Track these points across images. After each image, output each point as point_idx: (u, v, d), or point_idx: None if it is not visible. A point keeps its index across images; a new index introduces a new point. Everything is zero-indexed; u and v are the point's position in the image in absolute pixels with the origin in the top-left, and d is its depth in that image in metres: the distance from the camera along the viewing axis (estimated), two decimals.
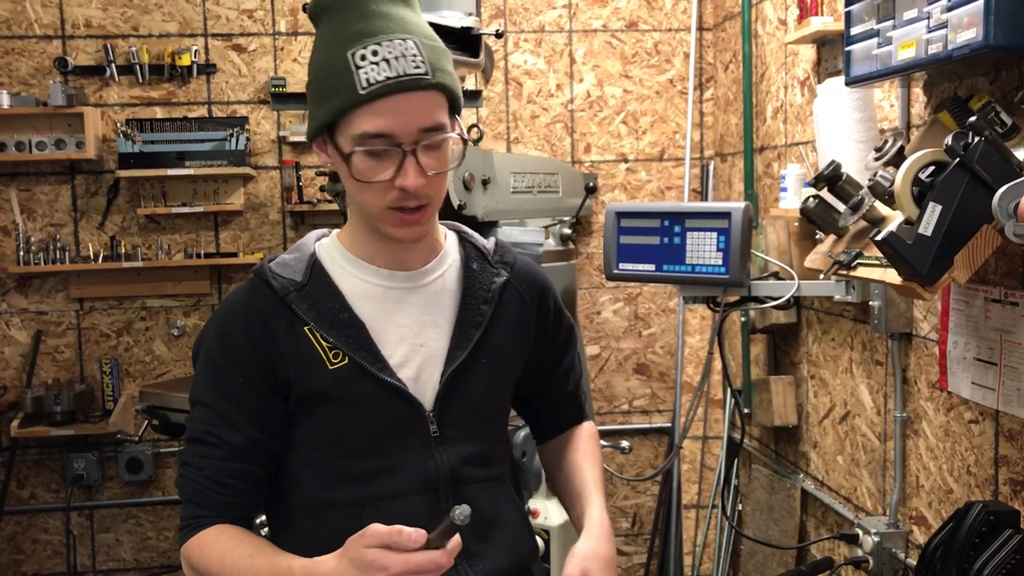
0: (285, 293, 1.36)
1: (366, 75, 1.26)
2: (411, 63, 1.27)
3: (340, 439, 1.36)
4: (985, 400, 2.00)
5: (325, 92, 1.30)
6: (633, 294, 3.97)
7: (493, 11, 3.84)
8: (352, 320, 1.36)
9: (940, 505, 2.25)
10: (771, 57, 3.24)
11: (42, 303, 3.75)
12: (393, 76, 1.26)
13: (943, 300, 2.12)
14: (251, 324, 1.36)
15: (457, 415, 1.40)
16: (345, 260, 1.41)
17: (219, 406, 1.36)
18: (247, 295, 1.40)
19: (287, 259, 1.42)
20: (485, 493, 1.42)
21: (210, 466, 1.36)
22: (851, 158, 2.25)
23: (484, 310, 1.44)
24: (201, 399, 1.39)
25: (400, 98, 1.26)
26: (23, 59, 3.68)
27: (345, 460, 1.37)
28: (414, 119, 1.28)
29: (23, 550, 3.81)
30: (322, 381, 1.34)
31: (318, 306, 1.36)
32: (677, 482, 3.88)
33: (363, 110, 1.27)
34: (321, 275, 1.39)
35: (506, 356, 1.47)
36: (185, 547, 1.37)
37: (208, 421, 1.37)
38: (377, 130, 1.27)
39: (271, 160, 3.81)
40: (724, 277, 2.07)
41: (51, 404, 3.54)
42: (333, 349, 1.34)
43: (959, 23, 1.64)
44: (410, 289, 1.41)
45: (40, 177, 3.73)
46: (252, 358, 1.35)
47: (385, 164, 1.29)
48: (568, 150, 3.92)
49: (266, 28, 3.77)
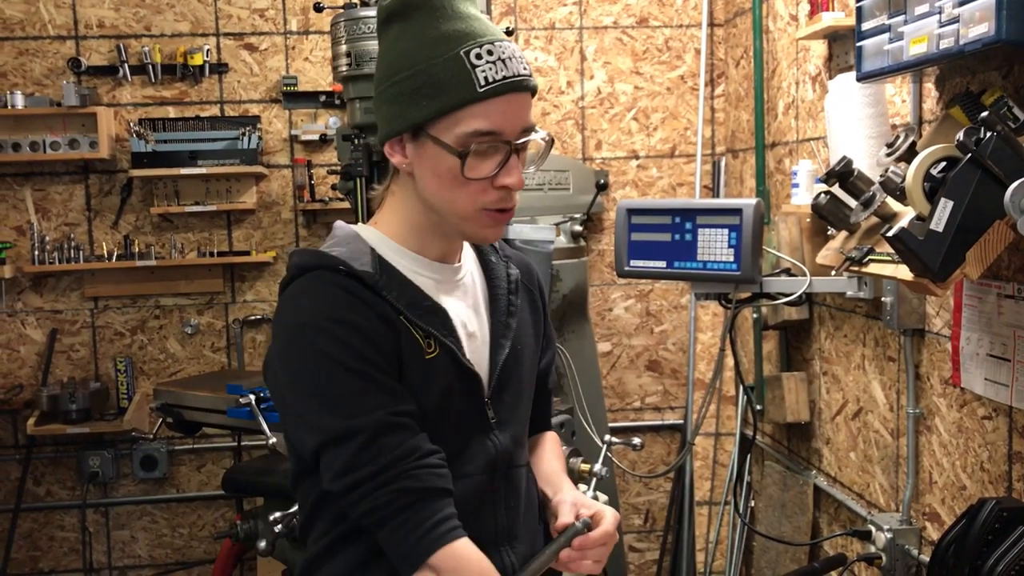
0: (374, 281, 1.32)
1: (484, 73, 1.27)
2: (520, 64, 1.31)
3: (426, 424, 1.32)
4: (998, 396, 1.99)
5: (427, 90, 1.28)
6: (645, 291, 3.96)
7: (503, 8, 3.84)
8: (435, 307, 1.35)
9: (953, 501, 2.24)
10: (782, 53, 3.23)
11: (57, 302, 3.78)
12: (510, 76, 1.29)
13: (955, 296, 2.12)
14: (359, 311, 1.28)
15: (507, 401, 1.43)
16: (397, 253, 1.38)
17: (380, 380, 1.26)
18: (333, 285, 1.30)
19: (343, 252, 1.34)
20: (525, 476, 1.48)
21: (418, 443, 1.25)
22: (863, 154, 2.25)
23: (513, 300, 1.48)
24: (340, 393, 1.25)
25: (512, 97, 1.30)
26: (37, 60, 3.70)
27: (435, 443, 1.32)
28: (520, 118, 1.31)
29: (40, 547, 3.84)
30: (422, 370, 1.32)
31: (404, 296, 1.33)
32: (689, 479, 3.87)
33: (477, 107, 1.28)
34: (387, 267, 1.36)
35: (531, 343, 1.51)
36: (437, 557, 1.23)
37: (377, 404, 1.25)
38: (490, 128, 1.28)
39: (283, 159, 3.83)
40: (736, 274, 2.07)
41: (66, 402, 3.57)
42: (427, 338, 1.33)
43: (971, 18, 1.63)
44: (456, 281, 1.44)
45: (54, 177, 3.75)
46: (376, 341, 1.27)
47: (489, 162, 1.30)
48: (579, 147, 3.92)
49: (278, 27, 3.79)
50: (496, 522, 1.40)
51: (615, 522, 1.41)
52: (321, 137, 3.62)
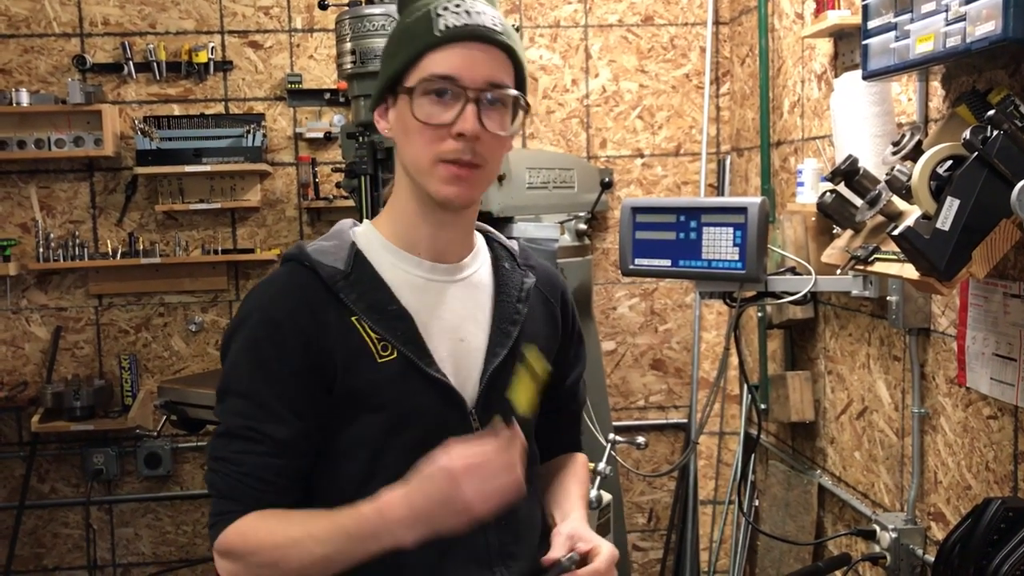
0: (333, 281, 1.32)
1: (444, 21, 1.30)
2: (489, 19, 1.33)
3: (383, 435, 1.32)
4: (1004, 396, 1.99)
5: (401, 44, 1.34)
6: (649, 290, 3.96)
7: (509, 6, 3.84)
8: (400, 312, 1.33)
9: (958, 501, 2.24)
10: (788, 51, 3.22)
11: (61, 299, 3.78)
12: (471, 24, 1.31)
13: (961, 295, 2.11)
14: (298, 312, 1.31)
15: (497, 412, 1.35)
16: (385, 249, 1.38)
17: (261, 397, 1.30)
18: (288, 281, 1.34)
19: (326, 246, 1.37)
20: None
21: (249, 462, 1.29)
22: (868, 152, 2.24)
23: (520, 308, 1.43)
24: (239, 389, 1.32)
25: (473, 45, 1.31)
26: (42, 57, 3.70)
27: (384, 456, 1.32)
28: (482, 68, 1.31)
29: (44, 544, 3.85)
30: (371, 375, 1.31)
31: (366, 296, 1.33)
32: (694, 478, 3.87)
33: (436, 53, 1.30)
34: (364, 264, 1.36)
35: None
36: (221, 539, 1.30)
37: (247, 414, 1.30)
38: (446, 71, 1.30)
39: (287, 156, 3.83)
40: (740, 272, 2.06)
41: (71, 399, 3.57)
42: (382, 341, 1.31)
43: (977, 16, 1.63)
44: (450, 282, 1.40)
45: (59, 174, 3.75)
46: (301, 347, 1.29)
47: (447, 110, 1.30)
48: (584, 145, 3.91)
49: (282, 25, 3.79)
50: (486, 540, 1.34)
51: (610, 560, 1.34)
52: (326, 135, 3.62)
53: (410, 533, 1.20)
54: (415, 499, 1.19)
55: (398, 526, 1.20)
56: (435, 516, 1.18)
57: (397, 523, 1.20)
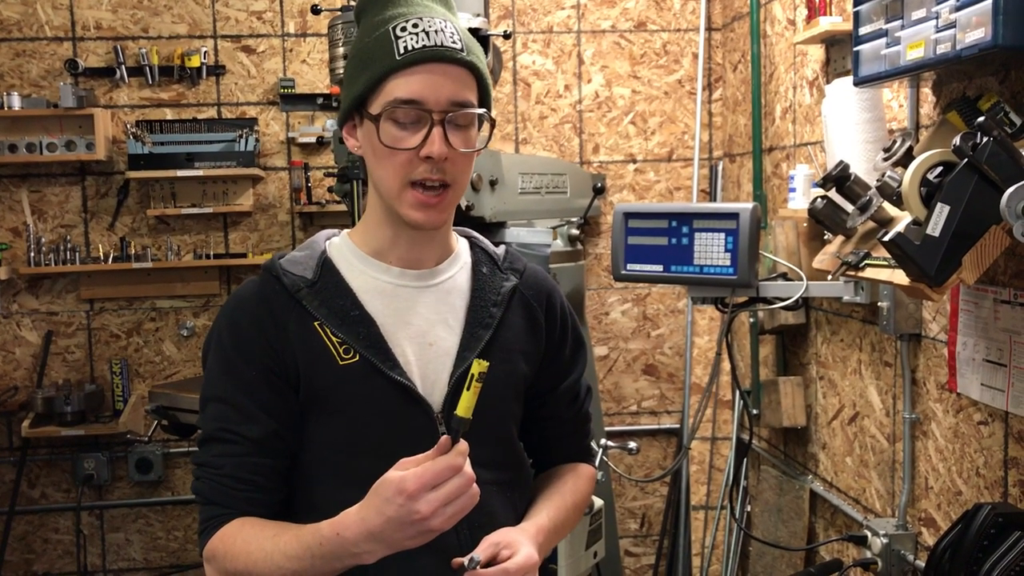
0: (296, 289, 1.36)
1: (404, 43, 1.31)
2: (448, 38, 1.32)
3: (350, 438, 1.35)
4: (994, 402, 1.99)
5: (362, 65, 1.34)
6: (641, 295, 3.96)
7: (501, 12, 3.85)
8: (363, 317, 1.36)
9: (949, 507, 2.24)
10: (780, 57, 3.23)
11: (52, 304, 3.77)
12: (430, 45, 1.30)
13: (952, 301, 2.12)
14: (261, 317, 1.35)
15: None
16: (356, 257, 1.41)
17: (234, 399, 1.34)
18: (257, 289, 1.39)
19: (297, 256, 1.41)
20: (495, 497, 1.40)
21: (229, 463, 1.33)
22: (859, 158, 2.25)
23: (494, 312, 1.43)
24: (214, 395, 1.36)
25: (435, 67, 1.31)
26: (34, 61, 3.70)
27: (355, 459, 1.34)
28: (445, 89, 1.31)
29: (34, 549, 3.83)
30: (332, 377, 1.33)
31: (329, 303, 1.36)
32: (686, 483, 3.87)
33: (398, 77, 1.30)
34: (332, 272, 1.39)
35: (514, 360, 1.44)
36: (208, 547, 1.32)
37: (223, 417, 1.34)
38: (410, 95, 1.30)
39: (280, 161, 3.82)
40: (732, 278, 2.07)
41: (61, 404, 3.56)
42: (344, 345, 1.34)
43: (968, 23, 1.63)
44: (421, 288, 1.41)
45: (51, 178, 3.74)
46: (263, 351, 1.34)
47: (413, 134, 1.31)
48: (576, 151, 3.92)
49: (275, 30, 3.79)
50: (458, 540, 1.33)
51: (524, 562, 1.28)
52: (318, 140, 3.62)
53: (369, 552, 1.21)
54: (370, 519, 1.18)
55: (356, 546, 1.20)
56: (392, 534, 1.18)
57: (354, 543, 1.20)
